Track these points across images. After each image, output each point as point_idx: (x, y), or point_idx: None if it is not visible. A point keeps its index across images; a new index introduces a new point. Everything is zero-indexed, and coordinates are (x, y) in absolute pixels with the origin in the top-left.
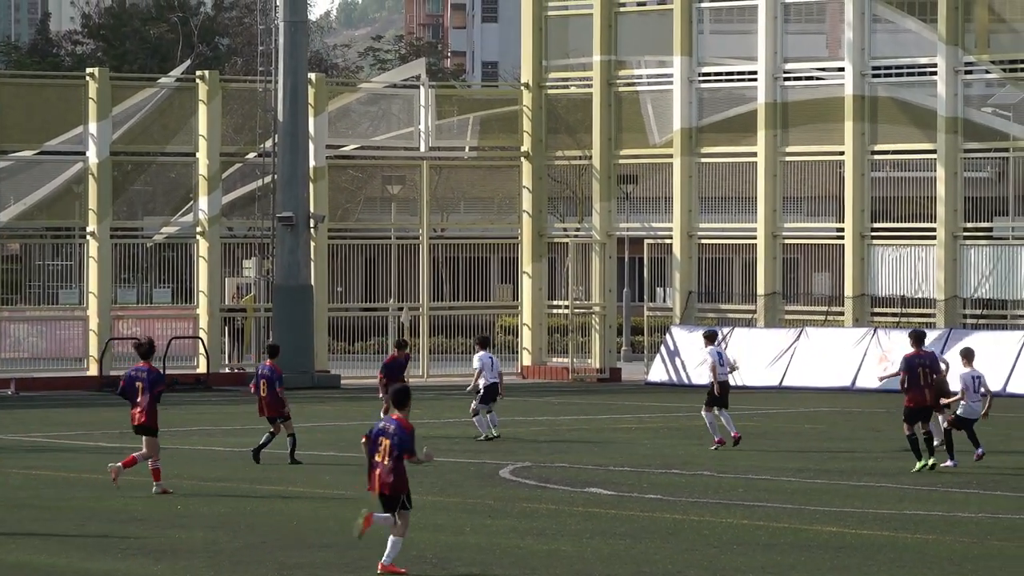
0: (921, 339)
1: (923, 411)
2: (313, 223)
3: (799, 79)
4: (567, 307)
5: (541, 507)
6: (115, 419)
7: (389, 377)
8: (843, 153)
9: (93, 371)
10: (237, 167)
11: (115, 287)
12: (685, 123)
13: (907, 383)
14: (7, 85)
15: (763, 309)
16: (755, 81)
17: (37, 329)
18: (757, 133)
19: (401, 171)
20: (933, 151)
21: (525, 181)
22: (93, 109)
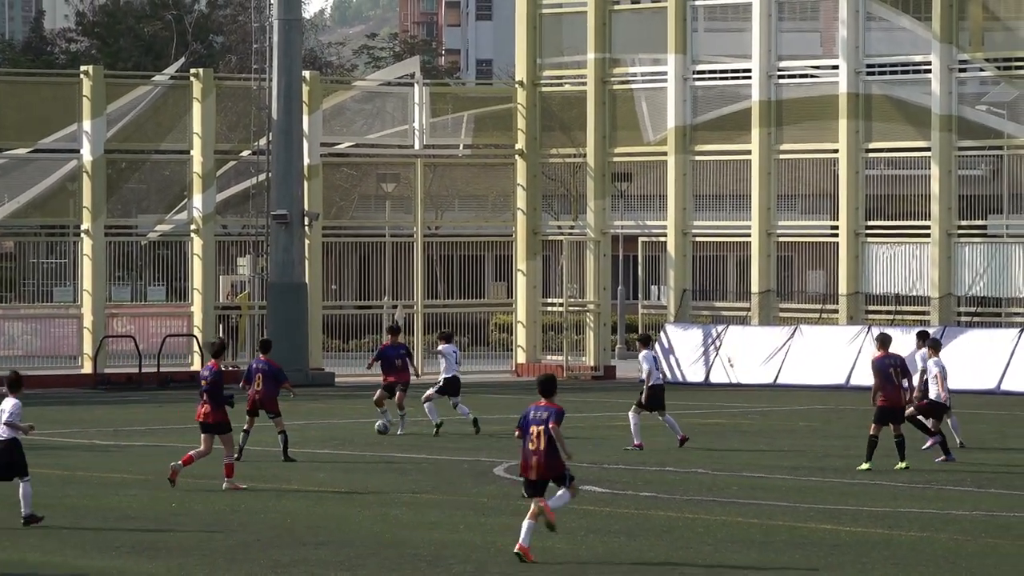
0: (887, 342)
1: (894, 412)
2: (307, 221)
3: (793, 77)
4: (561, 305)
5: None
6: (109, 417)
7: (383, 365)
8: (837, 151)
9: (87, 369)
10: (231, 165)
11: (109, 285)
12: (679, 121)
13: (879, 384)
14: (1, 83)
15: (757, 307)
16: (749, 79)
17: (31, 327)
18: (751, 131)
19: (395, 169)
20: (927, 149)
21: (519, 179)
22: (87, 107)
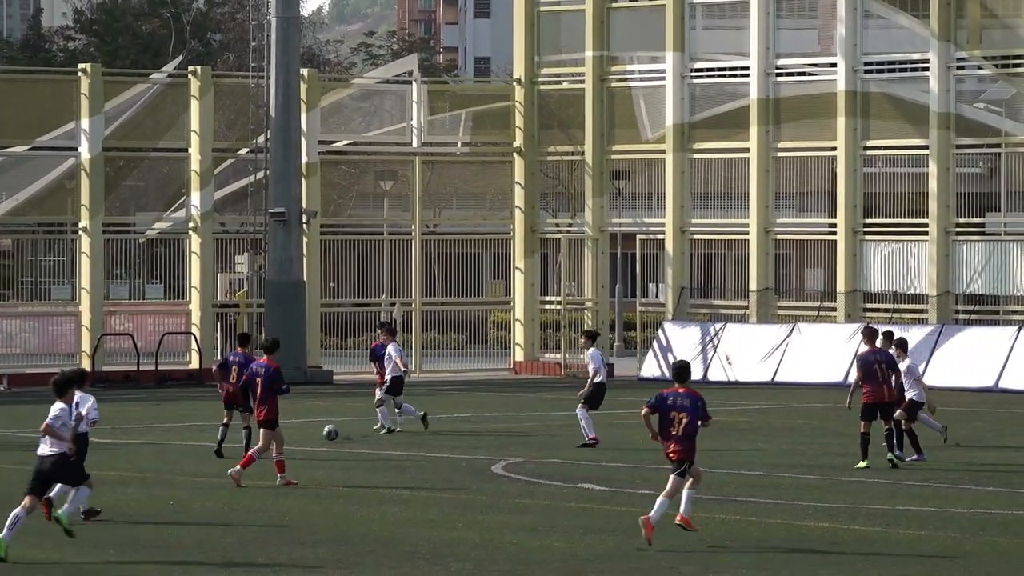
0: (874, 336)
1: (882, 407)
2: (305, 219)
3: (791, 75)
4: (559, 303)
5: (534, 503)
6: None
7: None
8: (835, 149)
9: (85, 366)
10: (229, 163)
11: (107, 283)
12: (677, 119)
13: (863, 380)
14: None
15: (755, 305)
16: (747, 77)
17: (29, 325)
18: (749, 129)
19: (393, 167)
20: (925, 147)
21: (517, 177)
22: (85, 105)
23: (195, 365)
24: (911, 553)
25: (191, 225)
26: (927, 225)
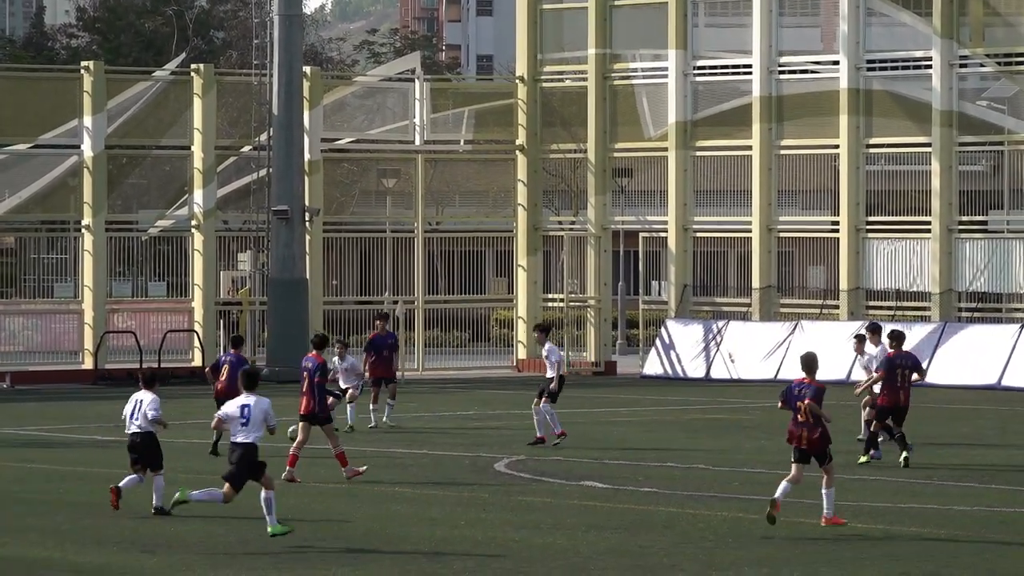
0: (902, 339)
1: (896, 411)
2: (308, 216)
3: (794, 72)
4: (562, 301)
5: (536, 500)
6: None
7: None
8: (838, 146)
9: (88, 364)
10: (232, 160)
11: (110, 281)
12: (680, 116)
13: (884, 382)
14: (1, 79)
15: (758, 302)
16: (750, 74)
17: (32, 322)
18: (752, 126)
19: (396, 164)
20: (928, 144)
21: (520, 175)
22: (88, 102)
23: (198, 363)
24: (913, 551)
25: (194, 223)
26: (930, 223)
